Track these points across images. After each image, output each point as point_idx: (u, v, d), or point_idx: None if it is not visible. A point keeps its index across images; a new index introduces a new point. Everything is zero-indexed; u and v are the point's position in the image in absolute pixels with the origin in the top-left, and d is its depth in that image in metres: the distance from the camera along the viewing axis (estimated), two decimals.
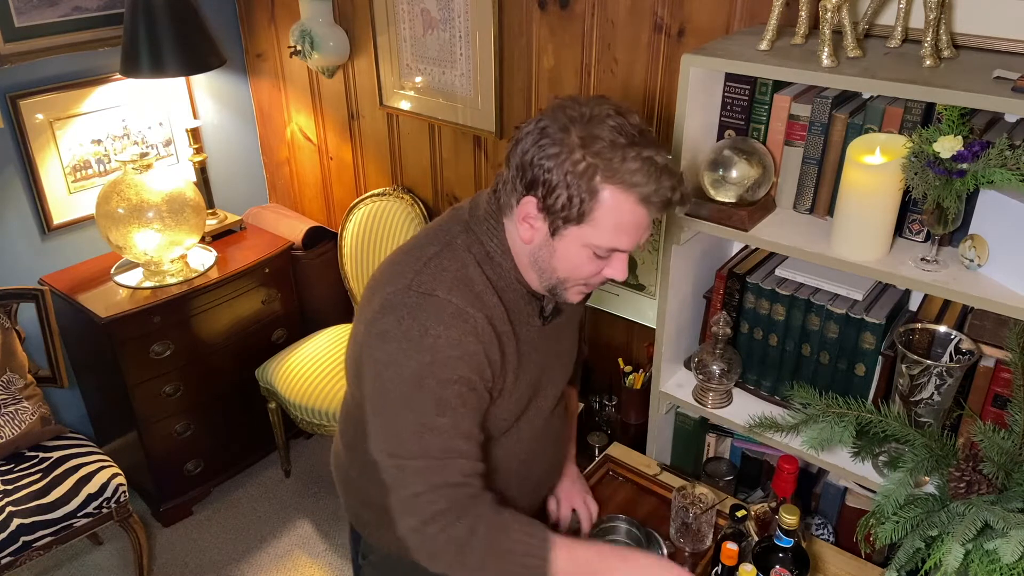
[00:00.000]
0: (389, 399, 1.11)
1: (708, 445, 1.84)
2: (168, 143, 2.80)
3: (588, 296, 1.24)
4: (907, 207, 1.41)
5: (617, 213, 1.05)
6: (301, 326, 2.84)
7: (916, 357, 1.35)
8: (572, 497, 1.54)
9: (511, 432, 1.27)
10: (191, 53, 2.33)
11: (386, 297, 1.12)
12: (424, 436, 1.10)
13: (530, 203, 1.08)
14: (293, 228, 2.83)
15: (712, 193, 1.52)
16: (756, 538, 1.42)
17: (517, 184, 1.09)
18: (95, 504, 2.14)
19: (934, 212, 1.29)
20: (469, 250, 1.16)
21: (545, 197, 1.06)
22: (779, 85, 1.51)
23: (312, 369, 2.54)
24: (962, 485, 1.11)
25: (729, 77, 1.54)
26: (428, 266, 1.13)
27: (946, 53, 1.36)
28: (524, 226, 1.11)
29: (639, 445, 1.83)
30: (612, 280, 1.16)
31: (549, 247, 1.11)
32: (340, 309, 2.94)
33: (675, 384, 1.77)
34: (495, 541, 1.11)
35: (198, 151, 2.71)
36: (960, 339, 1.39)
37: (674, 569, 1.16)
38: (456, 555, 1.11)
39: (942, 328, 1.42)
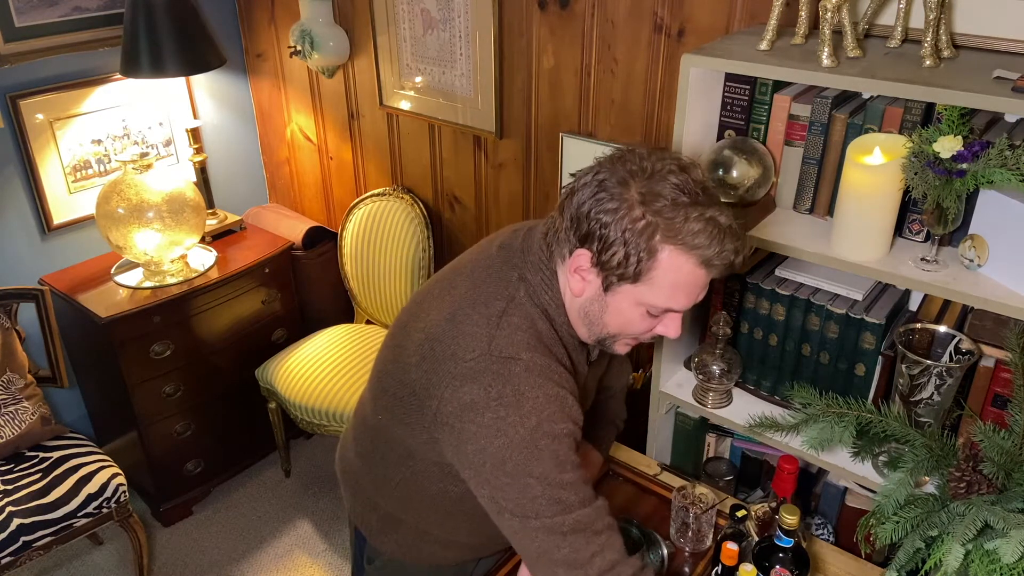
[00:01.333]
0: (506, 470, 1.06)
1: (708, 445, 1.84)
2: (168, 143, 2.80)
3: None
4: (907, 207, 1.41)
5: (675, 274, 1.03)
6: (301, 326, 2.84)
7: (916, 357, 1.35)
8: None
9: None
10: (191, 53, 2.33)
11: (466, 365, 1.08)
12: (558, 494, 1.07)
13: (583, 256, 1.06)
14: (293, 228, 2.83)
15: None
16: (756, 538, 1.42)
17: (571, 235, 1.07)
18: (95, 504, 2.14)
19: (934, 212, 1.29)
20: (533, 303, 1.13)
21: (600, 252, 1.04)
22: (779, 85, 1.51)
23: (312, 369, 2.54)
24: (962, 485, 1.11)
25: (729, 77, 1.54)
26: (501, 327, 1.09)
27: (946, 53, 1.36)
28: (575, 278, 1.09)
29: (639, 445, 1.83)
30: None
31: (600, 302, 1.10)
32: (340, 309, 2.94)
33: (675, 384, 1.77)
34: None
35: (198, 151, 2.71)
36: (960, 339, 1.39)
37: None
38: None
39: (942, 328, 1.42)
